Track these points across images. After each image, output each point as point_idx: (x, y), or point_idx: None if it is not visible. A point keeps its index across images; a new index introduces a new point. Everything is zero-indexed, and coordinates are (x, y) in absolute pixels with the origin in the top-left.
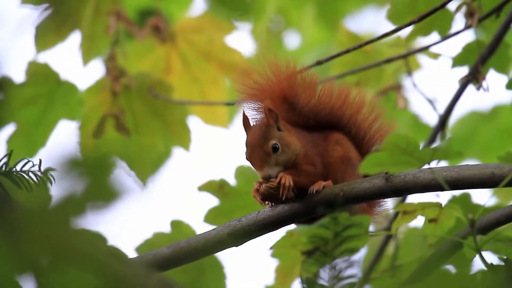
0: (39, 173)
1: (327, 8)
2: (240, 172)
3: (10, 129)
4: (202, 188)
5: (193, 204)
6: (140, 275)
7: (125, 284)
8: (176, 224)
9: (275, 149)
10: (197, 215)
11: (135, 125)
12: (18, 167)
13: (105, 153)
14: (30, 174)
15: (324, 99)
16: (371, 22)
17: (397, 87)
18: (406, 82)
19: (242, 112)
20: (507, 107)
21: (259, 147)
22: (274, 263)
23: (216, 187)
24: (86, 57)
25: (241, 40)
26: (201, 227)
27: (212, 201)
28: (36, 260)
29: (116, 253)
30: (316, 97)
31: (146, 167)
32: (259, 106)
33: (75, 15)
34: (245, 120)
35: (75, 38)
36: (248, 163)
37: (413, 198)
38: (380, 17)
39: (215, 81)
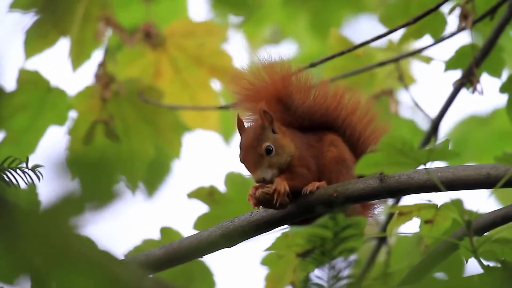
0: (27, 170)
1: (321, 19)
2: (230, 179)
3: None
4: (191, 195)
5: (183, 210)
6: (135, 276)
7: (121, 285)
8: (166, 231)
9: (268, 151)
10: (187, 221)
11: (125, 131)
12: (6, 165)
13: (102, 154)
14: (18, 171)
15: (319, 100)
16: (365, 30)
17: (389, 92)
18: (398, 86)
19: (236, 114)
20: (502, 110)
21: (252, 149)
22: (264, 271)
23: (206, 194)
24: (76, 62)
25: (237, 47)
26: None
27: (201, 208)
28: (32, 261)
29: (110, 255)
30: (311, 98)
31: (137, 173)
32: (253, 107)
33: (64, 20)
34: (240, 122)
35: (64, 43)
36: (239, 169)
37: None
38: (374, 25)
39: (206, 86)
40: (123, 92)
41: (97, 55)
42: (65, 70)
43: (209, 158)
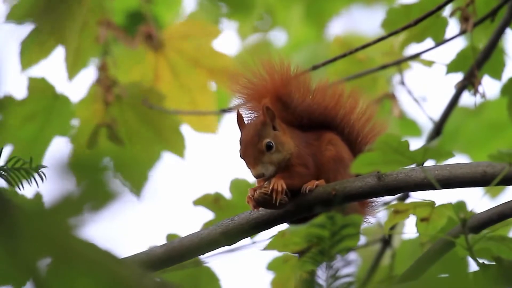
0: (31, 170)
1: (315, 8)
2: (235, 185)
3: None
4: (197, 202)
5: (188, 215)
6: (135, 275)
7: (122, 284)
8: (172, 238)
9: (269, 147)
10: (192, 227)
11: (128, 135)
12: (9, 165)
13: (101, 155)
14: (22, 171)
15: (318, 98)
16: (358, 21)
17: (392, 96)
18: (400, 89)
19: (236, 110)
20: (493, 102)
21: (253, 145)
22: (270, 275)
23: (211, 201)
24: (72, 71)
25: (228, 40)
26: None
27: (207, 214)
28: (33, 261)
29: (110, 254)
30: (310, 96)
31: (140, 177)
32: (252, 105)
33: (61, 29)
34: (240, 118)
35: (60, 51)
36: (243, 175)
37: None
38: (367, 16)
39: (204, 88)
40: (126, 96)
41: (96, 60)
42: (62, 79)
43: (212, 160)
